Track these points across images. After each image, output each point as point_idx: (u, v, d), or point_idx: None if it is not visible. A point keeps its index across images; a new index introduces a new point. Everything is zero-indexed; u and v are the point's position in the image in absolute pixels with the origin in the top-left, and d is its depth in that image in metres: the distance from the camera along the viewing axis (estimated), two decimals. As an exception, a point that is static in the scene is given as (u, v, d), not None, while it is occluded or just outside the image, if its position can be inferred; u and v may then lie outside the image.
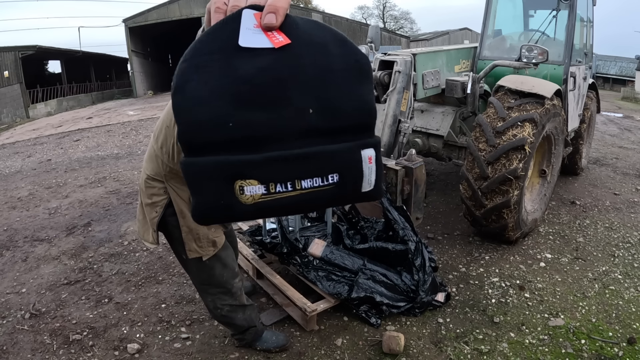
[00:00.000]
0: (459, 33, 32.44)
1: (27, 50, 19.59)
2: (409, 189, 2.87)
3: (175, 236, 1.98)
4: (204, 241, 1.97)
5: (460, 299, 2.87)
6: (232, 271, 2.14)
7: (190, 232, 1.94)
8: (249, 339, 2.36)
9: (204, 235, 1.96)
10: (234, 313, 2.21)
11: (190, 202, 2.04)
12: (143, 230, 2.03)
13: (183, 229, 1.93)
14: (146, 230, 2.00)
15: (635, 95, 23.59)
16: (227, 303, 2.16)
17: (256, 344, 2.38)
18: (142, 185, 1.99)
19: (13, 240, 3.98)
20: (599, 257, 3.44)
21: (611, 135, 8.77)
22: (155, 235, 1.98)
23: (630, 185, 5.24)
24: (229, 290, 2.14)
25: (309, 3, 39.70)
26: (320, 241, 2.82)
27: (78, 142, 9.37)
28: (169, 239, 2.05)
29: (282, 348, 2.39)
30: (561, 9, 4.11)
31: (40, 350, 2.44)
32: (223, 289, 2.12)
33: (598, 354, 2.37)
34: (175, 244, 2.04)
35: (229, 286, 2.13)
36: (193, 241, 1.95)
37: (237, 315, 2.23)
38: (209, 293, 2.14)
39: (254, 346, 2.38)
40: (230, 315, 2.21)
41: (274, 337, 2.42)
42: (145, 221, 2.00)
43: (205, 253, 1.99)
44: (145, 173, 1.97)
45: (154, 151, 1.91)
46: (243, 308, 2.24)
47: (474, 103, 3.99)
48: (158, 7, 23.10)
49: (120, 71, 31.78)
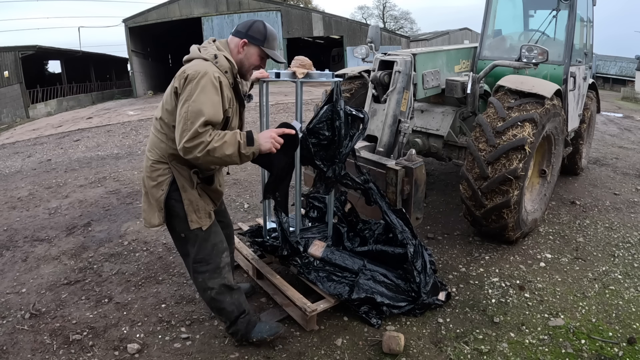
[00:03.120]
0: (459, 33, 32.45)
1: (27, 50, 19.62)
2: (409, 189, 2.87)
3: (177, 211, 2.17)
4: (202, 213, 2.21)
5: (460, 299, 2.87)
6: (222, 244, 2.33)
7: (191, 204, 2.17)
8: (242, 328, 2.38)
9: (202, 207, 2.21)
10: (223, 295, 2.31)
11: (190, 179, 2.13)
12: (149, 216, 2.20)
13: (185, 202, 2.15)
14: (152, 213, 2.18)
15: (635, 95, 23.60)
16: (216, 283, 2.28)
17: (251, 335, 2.39)
18: (147, 171, 2.18)
19: (13, 240, 3.98)
20: (599, 257, 3.44)
21: (611, 135, 8.78)
22: (162, 215, 2.17)
23: (630, 185, 5.24)
24: (217, 266, 2.28)
25: (309, 3, 39.69)
26: (320, 242, 2.82)
27: (78, 142, 9.38)
28: (170, 218, 2.21)
29: (276, 335, 2.42)
30: (561, 9, 4.11)
31: (40, 350, 2.44)
32: (213, 264, 2.27)
33: (598, 354, 2.37)
34: (177, 222, 2.21)
35: (219, 260, 2.28)
36: (193, 212, 2.19)
37: (226, 298, 2.32)
38: (200, 272, 2.27)
39: (249, 338, 2.39)
40: (219, 298, 2.30)
41: (267, 326, 2.44)
42: (150, 206, 2.18)
43: (204, 223, 2.22)
44: (149, 160, 2.17)
45: (158, 139, 2.13)
46: (230, 290, 2.33)
47: (474, 103, 3.99)
48: (158, 7, 23.12)
49: (120, 71, 31.81)
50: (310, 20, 23.63)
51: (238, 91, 2.19)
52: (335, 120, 2.55)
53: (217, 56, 2.05)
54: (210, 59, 2.03)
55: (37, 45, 19.92)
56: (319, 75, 2.57)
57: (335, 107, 2.55)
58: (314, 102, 4.84)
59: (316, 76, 2.57)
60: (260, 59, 2.21)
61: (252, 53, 2.17)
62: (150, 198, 2.19)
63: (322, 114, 2.56)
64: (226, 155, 1.94)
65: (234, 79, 2.11)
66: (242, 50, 2.15)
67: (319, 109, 2.62)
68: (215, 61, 2.03)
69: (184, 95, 1.94)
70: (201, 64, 2.00)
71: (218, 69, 2.02)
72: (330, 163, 2.62)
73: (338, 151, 2.59)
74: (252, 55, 2.17)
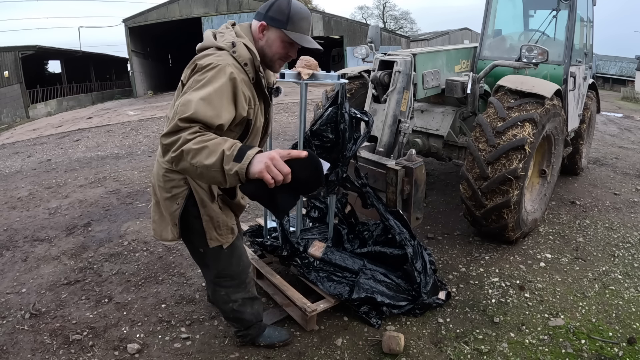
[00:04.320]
0: (459, 33, 32.44)
1: (27, 50, 19.62)
2: (409, 189, 2.87)
3: (195, 228, 1.93)
4: (224, 229, 1.95)
5: (460, 299, 2.87)
6: (247, 259, 2.18)
7: (211, 221, 1.91)
8: (254, 334, 2.34)
9: (223, 222, 1.94)
10: (244, 307, 2.21)
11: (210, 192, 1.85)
12: (161, 229, 1.96)
13: (204, 218, 1.89)
14: (164, 227, 1.94)
15: (635, 95, 23.61)
16: (239, 296, 2.17)
17: (259, 340, 2.36)
18: (159, 180, 1.89)
19: (13, 240, 3.98)
20: (599, 257, 3.44)
21: (611, 135, 8.78)
22: (176, 230, 1.92)
23: (630, 185, 5.24)
24: (242, 282, 2.15)
25: (308, 3, 39.67)
26: (320, 243, 2.82)
27: (78, 142, 9.37)
28: (186, 232, 1.97)
29: (285, 342, 2.39)
30: (561, 9, 4.11)
31: (40, 350, 2.44)
32: (238, 280, 2.13)
33: (598, 354, 2.37)
34: (194, 237, 1.98)
35: (244, 276, 2.15)
36: (213, 229, 1.93)
37: (247, 309, 2.23)
38: (222, 286, 2.13)
39: (257, 342, 2.37)
40: (240, 310, 2.21)
41: (276, 332, 2.42)
42: (162, 219, 1.94)
43: (225, 240, 1.97)
44: (162, 167, 1.87)
45: None
46: (252, 301, 2.25)
47: (474, 103, 3.99)
48: (158, 7, 23.11)
49: (120, 71, 31.80)
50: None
51: (261, 86, 1.80)
52: (339, 123, 2.50)
53: (235, 44, 1.68)
54: (227, 47, 1.67)
55: (37, 45, 19.92)
56: (325, 77, 2.43)
57: (340, 110, 2.50)
58: (314, 102, 4.83)
59: (322, 77, 2.42)
60: (286, 45, 1.78)
61: (274, 39, 1.76)
62: (162, 209, 1.92)
63: (327, 115, 2.51)
64: (204, 165, 1.41)
65: (255, 73, 1.73)
66: (263, 36, 1.76)
67: (323, 111, 2.59)
68: (232, 50, 1.67)
69: (187, 86, 1.62)
70: (215, 54, 1.65)
71: (236, 61, 1.66)
72: (333, 166, 2.57)
73: (342, 154, 2.54)
74: (274, 41, 1.76)
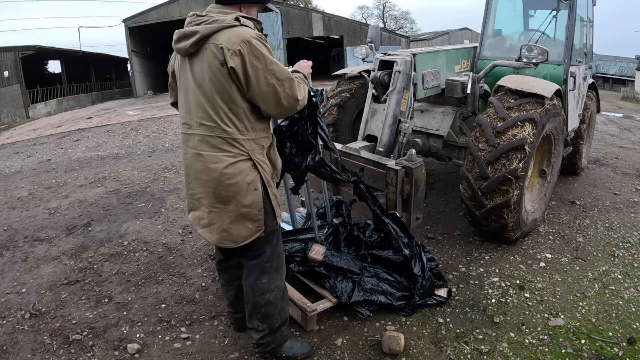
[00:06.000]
0: (459, 33, 32.45)
1: (27, 50, 19.62)
2: (409, 189, 2.87)
3: (267, 210, 1.98)
4: (280, 206, 2.08)
5: (460, 298, 2.87)
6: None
7: (276, 199, 2.03)
8: (277, 342, 2.22)
9: (279, 198, 2.07)
10: (278, 300, 2.17)
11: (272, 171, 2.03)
12: (236, 233, 1.94)
13: (272, 197, 1.99)
14: (239, 227, 1.93)
15: (635, 95, 23.62)
16: (278, 284, 2.16)
17: (281, 350, 2.24)
18: (220, 180, 1.86)
19: (13, 240, 3.98)
20: (599, 257, 3.44)
21: (611, 135, 8.77)
22: (260, 217, 1.94)
23: (630, 185, 5.24)
24: (282, 265, 2.20)
25: (309, 3, 39.67)
26: (319, 246, 2.82)
27: (78, 142, 9.38)
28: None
29: (307, 355, 2.29)
30: (561, 9, 4.11)
31: (40, 350, 2.44)
32: (281, 260, 2.18)
33: (598, 354, 2.37)
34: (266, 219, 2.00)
35: (283, 259, 2.22)
36: (278, 207, 2.04)
37: (279, 303, 2.18)
38: (267, 272, 2.11)
39: (278, 353, 2.24)
40: (275, 302, 2.15)
41: (298, 343, 2.32)
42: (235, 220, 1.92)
43: (281, 218, 2.11)
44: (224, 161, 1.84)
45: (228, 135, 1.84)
46: (284, 294, 2.23)
47: (474, 103, 3.99)
48: (158, 7, 23.11)
49: (120, 71, 31.81)
50: (310, 20, 23.61)
51: None
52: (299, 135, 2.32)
53: (240, 19, 1.83)
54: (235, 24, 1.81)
55: (37, 45, 19.92)
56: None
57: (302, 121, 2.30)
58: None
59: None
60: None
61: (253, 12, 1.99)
62: (232, 209, 1.90)
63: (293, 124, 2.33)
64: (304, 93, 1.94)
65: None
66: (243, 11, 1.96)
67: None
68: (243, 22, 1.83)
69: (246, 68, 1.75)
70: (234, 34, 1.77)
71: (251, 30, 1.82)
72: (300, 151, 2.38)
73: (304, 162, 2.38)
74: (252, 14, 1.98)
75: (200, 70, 1.83)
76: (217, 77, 1.79)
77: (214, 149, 1.86)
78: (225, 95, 1.81)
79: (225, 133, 1.85)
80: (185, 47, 1.85)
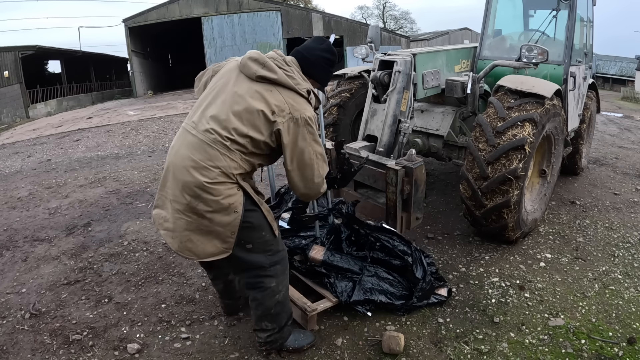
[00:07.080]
0: (459, 33, 32.44)
1: (27, 50, 19.60)
2: (409, 189, 2.87)
3: (259, 222, 2.03)
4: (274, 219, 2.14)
5: (460, 299, 2.87)
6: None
7: (269, 213, 2.08)
8: (284, 337, 2.28)
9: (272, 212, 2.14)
10: (286, 298, 2.25)
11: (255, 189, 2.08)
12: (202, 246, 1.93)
13: (265, 213, 2.05)
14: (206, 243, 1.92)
15: (635, 95, 23.62)
16: (285, 284, 2.22)
17: (287, 344, 2.32)
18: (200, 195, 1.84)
19: (13, 240, 3.98)
20: (599, 257, 3.44)
21: (611, 135, 8.77)
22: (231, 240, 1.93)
23: (630, 185, 5.24)
24: (287, 267, 2.24)
25: (309, 3, 39.66)
26: (319, 246, 2.82)
27: (78, 142, 9.38)
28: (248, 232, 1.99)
29: (311, 344, 2.39)
30: (561, 9, 4.11)
31: (40, 350, 2.44)
32: (285, 264, 2.21)
33: (598, 354, 2.37)
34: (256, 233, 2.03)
35: (287, 261, 2.25)
36: (274, 220, 2.11)
37: (287, 301, 2.26)
38: (273, 275, 2.13)
39: (285, 347, 2.31)
40: (283, 301, 2.22)
41: (301, 335, 2.40)
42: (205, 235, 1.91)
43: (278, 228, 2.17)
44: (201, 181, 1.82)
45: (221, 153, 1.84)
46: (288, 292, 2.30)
47: (474, 103, 3.99)
48: (158, 7, 23.12)
49: (120, 71, 31.78)
50: (310, 20, 23.61)
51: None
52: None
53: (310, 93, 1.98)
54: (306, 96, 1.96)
55: (37, 45, 19.91)
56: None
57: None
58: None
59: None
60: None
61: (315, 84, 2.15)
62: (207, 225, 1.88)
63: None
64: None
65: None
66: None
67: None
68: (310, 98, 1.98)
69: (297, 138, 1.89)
70: (301, 103, 1.92)
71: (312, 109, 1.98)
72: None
73: None
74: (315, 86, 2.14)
75: (247, 92, 1.89)
76: (256, 114, 1.86)
77: (207, 160, 1.84)
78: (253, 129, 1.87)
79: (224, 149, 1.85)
80: (255, 72, 1.91)
